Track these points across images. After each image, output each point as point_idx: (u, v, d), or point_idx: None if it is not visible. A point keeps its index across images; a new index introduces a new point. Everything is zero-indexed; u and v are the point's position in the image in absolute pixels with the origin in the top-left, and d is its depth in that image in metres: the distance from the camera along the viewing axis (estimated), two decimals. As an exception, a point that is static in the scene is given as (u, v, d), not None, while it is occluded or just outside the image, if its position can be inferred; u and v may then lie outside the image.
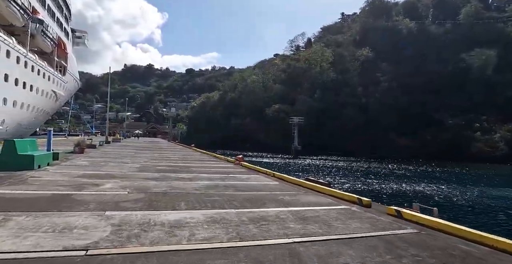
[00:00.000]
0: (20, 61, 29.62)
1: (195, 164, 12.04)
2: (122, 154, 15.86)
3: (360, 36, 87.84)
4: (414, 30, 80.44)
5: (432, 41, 74.20)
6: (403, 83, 68.61)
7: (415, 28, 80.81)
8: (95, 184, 6.31)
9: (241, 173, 9.87)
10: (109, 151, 17.27)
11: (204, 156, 17.30)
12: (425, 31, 78.48)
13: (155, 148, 23.89)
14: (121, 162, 11.53)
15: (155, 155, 15.99)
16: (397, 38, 78.09)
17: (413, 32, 80.00)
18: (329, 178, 23.41)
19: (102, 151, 17.30)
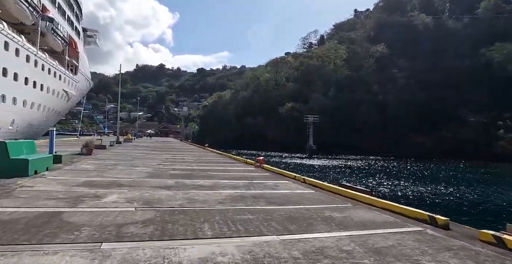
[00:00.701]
0: (30, 60, 28.97)
1: (212, 167, 10.82)
2: (133, 155, 14.78)
3: (375, 32, 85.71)
4: (431, 25, 77.90)
5: (449, 36, 71.70)
6: (420, 80, 66.49)
7: (431, 23, 78.21)
8: (96, 196, 5.13)
9: (266, 179, 8.60)
10: (119, 152, 16.23)
11: (220, 157, 16.09)
12: (442, 26, 75.90)
13: (168, 149, 22.82)
14: (131, 165, 10.39)
15: (168, 157, 14.86)
16: (413, 34, 75.69)
17: (429, 27, 77.50)
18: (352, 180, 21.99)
19: (112, 152, 16.27)
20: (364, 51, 77.48)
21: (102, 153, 15.17)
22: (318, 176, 22.96)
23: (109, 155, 13.97)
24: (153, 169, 9.37)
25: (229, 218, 4.16)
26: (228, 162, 13.22)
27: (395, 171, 30.87)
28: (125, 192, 5.59)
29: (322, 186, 7.47)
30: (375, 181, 22.54)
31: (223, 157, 16.53)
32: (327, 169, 30.80)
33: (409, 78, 68.18)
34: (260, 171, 10.34)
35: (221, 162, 13.29)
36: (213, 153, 19.56)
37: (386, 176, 25.41)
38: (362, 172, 28.20)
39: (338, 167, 32.24)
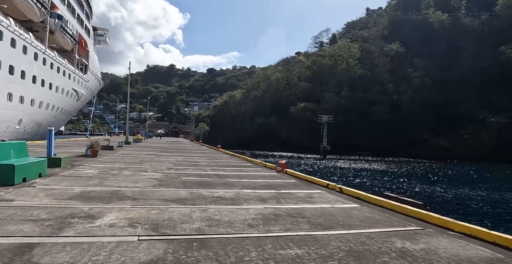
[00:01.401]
0: (38, 58, 28.25)
1: (229, 172, 9.59)
2: (141, 157, 13.65)
3: (389, 31, 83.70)
4: (447, 23, 75.47)
5: (466, 35, 69.39)
6: (437, 79, 64.57)
7: (447, 21, 75.73)
8: (89, 216, 3.92)
9: (295, 187, 7.33)
10: (127, 154, 15.13)
11: (235, 160, 14.84)
12: (458, 24, 73.54)
13: (179, 150, 21.68)
14: (138, 169, 9.22)
15: (179, 159, 13.69)
16: (428, 32, 73.44)
17: (445, 25, 75.06)
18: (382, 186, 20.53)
19: (119, 153, 15.19)
20: (378, 49, 75.57)
21: (109, 154, 14.09)
22: (342, 180, 21.57)
23: (115, 157, 12.86)
24: (162, 175, 8.17)
25: (270, 256, 2.90)
26: (246, 166, 11.96)
27: (424, 174, 29.11)
28: (127, 209, 4.38)
29: (365, 197, 6.17)
30: (408, 186, 20.79)
31: (238, 159, 15.29)
32: (346, 171, 29.26)
33: (424, 77, 66.15)
34: (284, 177, 9.07)
35: (238, 165, 12.04)
36: (227, 155, 18.33)
37: (419, 181, 23.52)
38: (387, 175, 26.50)
39: (359, 170, 30.60)
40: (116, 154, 14.42)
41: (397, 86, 67.11)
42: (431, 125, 60.90)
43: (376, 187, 19.23)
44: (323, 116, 50.66)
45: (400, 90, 66.17)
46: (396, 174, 27.96)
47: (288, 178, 8.81)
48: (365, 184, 20.12)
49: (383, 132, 60.94)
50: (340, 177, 23.54)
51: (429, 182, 23.58)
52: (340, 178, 22.84)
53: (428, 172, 30.59)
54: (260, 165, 12.48)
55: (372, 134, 61.18)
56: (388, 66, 71.39)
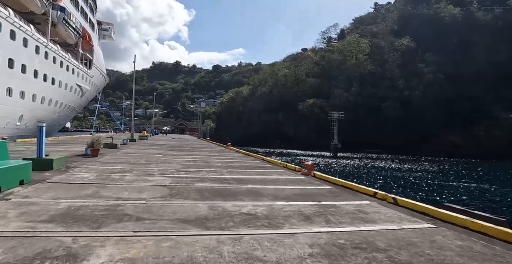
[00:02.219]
0: (40, 51, 27.03)
1: (249, 175, 8.24)
2: (147, 156, 12.36)
3: (399, 26, 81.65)
4: (459, 17, 73.25)
5: (479, 29, 67.19)
6: (449, 75, 62.59)
7: (459, 15, 73.54)
8: (68, 256, 2.60)
9: (335, 196, 5.96)
10: (131, 153, 13.85)
11: (251, 160, 13.47)
12: (470, 19, 71.28)
13: (187, 148, 20.37)
14: (143, 172, 7.91)
15: (189, 159, 12.36)
16: (440, 27, 71.31)
17: (457, 20, 72.87)
18: (420, 189, 19.02)
19: (123, 152, 13.92)
20: (388, 44, 73.62)
21: (111, 153, 12.82)
22: (370, 182, 20.04)
23: (118, 157, 11.57)
24: (172, 180, 6.85)
25: None
26: (265, 167, 10.60)
27: (454, 173, 27.35)
28: (127, 239, 3.03)
29: (434, 213, 4.78)
30: (449, 189, 18.77)
31: (253, 159, 13.91)
32: (366, 171, 27.63)
33: (437, 72, 64.20)
34: (314, 182, 7.69)
35: (255, 167, 10.68)
36: (240, 154, 16.97)
37: (456, 181, 21.63)
38: (413, 177, 24.73)
39: (379, 169, 28.84)
40: (120, 153, 13.14)
41: (408, 81, 65.31)
42: (443, 121, 59.16)
43: (413, 190, 17.54)
44: (334, 113, 49.03)
45: (411, 86, 64.35)
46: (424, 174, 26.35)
47: (320, 184, 7.43)
48: (396, 187, 18.51)
49: (393, 128, 59.33)
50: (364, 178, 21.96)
51: (472, 181, 21.97)
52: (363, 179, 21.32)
53: (461, 170, 28.94)
54: (280, 166, 11.11)
55: (382, 131, 59.60)
56: (398, 62, 69.56)
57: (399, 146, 57.07)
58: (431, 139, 59.28)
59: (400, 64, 69.06)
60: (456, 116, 58.54)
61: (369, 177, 22.83)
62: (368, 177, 23.11)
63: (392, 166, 32.21)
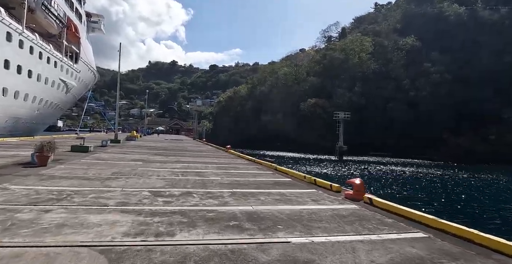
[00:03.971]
0: (12, 39, 23.61)
1: (271, 206, 4.97)
2: (120, 165, 9.09)
3: (402, 25, 79.22)
4: (464, 16, 70.93)
5: (485, 29, 64.83)
6: (457, 75, 59.92)
7: (465, 14, 71.25)
8: None
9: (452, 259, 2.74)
10: (103, 159, 10.55)
11: (259, 170, 10.21)
12: (477, 18, 68.94)
13: (178, 151, 17.05)
14: (92, 201, 4.65)
15: (177, 168, 9.10)
16: (444, 26, 68.91)
17: (463, 19, 70.50)
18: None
19: (91, 158, 10.61)
20: (392, 44, 70.98)
21: (74, 160, 9.55)
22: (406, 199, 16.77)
23: (76, 167, 8.28)
24: (133, 225, 3.61)
25: None
26: (286, 184, 7.35)
27: (483, 182, 24.10)
28: None
29: None
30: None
31: (264, 169, 10.67)
32: (385, 180, 24.28)
33: (444, 73, 61.49)
34: (383, 219, 4.48)
35: (270, 183, 7.43)
36: (243, 160, 13.70)
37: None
38: (449, 188, 21.29)
39: (397, 177, 25.46)
40: (85, 160, 9.85)
41: (413, 82, 62.56)
42: (451, 123, 56.41)
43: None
44: (339, 113, 45.87)
45: (417, 86, 61.60)
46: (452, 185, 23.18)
47: (395, 223, 4.23)
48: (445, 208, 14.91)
49: (399, 130, 56.60)
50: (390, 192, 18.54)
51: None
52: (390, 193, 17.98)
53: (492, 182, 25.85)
54: (305, 180, 7.87)
55: (387, 133, 56.87)
56: (403, 61, 66.95)
57: (404, 149, 54.37)
58: (438, 142, 56.48)
59: (405, 63, 66.50)
60: (465, 118, 55.85)
61: (422, 195, 18.37)
62: (420, 195, 18.49)
63: (427, 173, 28.99)
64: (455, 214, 12.69)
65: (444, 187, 20.76)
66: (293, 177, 8.44)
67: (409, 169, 32.37)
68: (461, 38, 65.46)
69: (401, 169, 31.24)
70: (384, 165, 35.58)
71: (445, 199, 16.65)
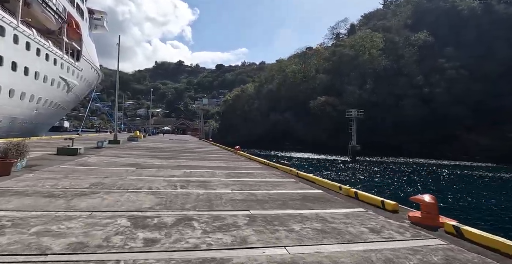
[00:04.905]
0: (6, 33, 22.11)
1: (317, 248, 3.18)
2: (108, 173, 7.35)
3: (413, 20, 77.05)
4: (478, 11, 68.52)
5: (501, 22, 62.36)
6: (473, 70, 57.62)
7: (479, 8, 68.83)
8: None
9: None
10: (90, 165, 8.82)
11: (280, 177, 8.36)
12: (491, 12, 66.56)
13: (181, 153, 15.30)
14: (34, 239, 2.92)
15: (177, 177, 7.32)
16: (457, 21, 66.63)
17: (476, 13, 68.11)
18: None
19: (76, 163, 8.89)
20: (403, 39, 68.80)
21: (52, 166, 7.85)
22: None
23: (48, 176, 6.52)
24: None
25: None
26: (319, 198, 5.53)
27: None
28: None
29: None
30: None
31: (282, 174, 8.84)
32: (418, 181, 22.23)
33: (459, 68, 59.15)
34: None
35: (303, 197, 5.60)
36: (256, 163, 11.89)
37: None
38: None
39: (434, 180, 23.34)
40: (65, 166, 8.10)
41: (427, 78, 60.31)
42: (468, 121, 54.08)
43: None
44: (352, 111, 43.83)
45: (431, 83, 59.32)
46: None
47: None
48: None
49: (413, 129, 54.45)
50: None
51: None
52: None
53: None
54: (341, 193, 6.03)
55: (400, 131, 54.72)
56: (415, 57, 64.73)
57: (418, 147, 52.32)
58: (454, 140, 54.20)
59: (417, 59, 64.29)
60: (482, 115, 53.46)
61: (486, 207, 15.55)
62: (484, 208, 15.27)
63: (463, 175, 26.91)
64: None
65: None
66: (323, 188, 6.60)
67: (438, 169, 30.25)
68: (475, 32, 63.30)
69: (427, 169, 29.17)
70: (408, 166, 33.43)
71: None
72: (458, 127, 53.81)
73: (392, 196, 15.26)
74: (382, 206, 4.94)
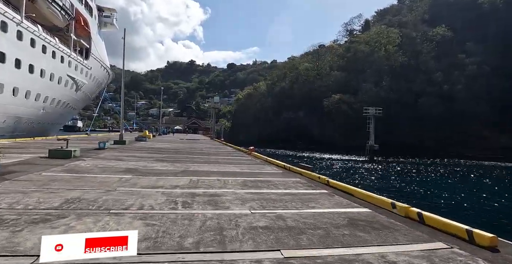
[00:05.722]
0: (8, 29, 21.14)
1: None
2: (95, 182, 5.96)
3: (430, 15, 74.32)
4: (500, 4, 65.32)
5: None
6: (496, 66, 54.82)
7: (500, 1, 65.64)
8: None
9: None
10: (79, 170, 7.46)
11: (302, 185, 6.85)
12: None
13: (190, 155, 13.92)
14: None
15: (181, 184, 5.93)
16: (477, 15, 63.63)
17: (497, 7, 64.90)
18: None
19: (63, 168, 7.56)
20: (421, 35, 66.27)
21: (33, 173, 6.53)
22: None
23: (17, 188, 5.16)
24: None
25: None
26: (371, 224, 3.98)
27: None
28: None
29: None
30: None
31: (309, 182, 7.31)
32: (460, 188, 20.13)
33: (481, 64, 56.43)
34: None
35: (351, 223, 4.07)
36: (274, 167, 10.37)
37: None
38: None
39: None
40: (47, 174, 6.74)
41: (447, 74, 57.75)
42: (492, 119, 51.45)
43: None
44: (370, 108, 41.88)
45: (451, 79, 56.75)
46: None
47: None
48: None
49: (432, 127, 52.18)
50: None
51: None
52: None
53: None
54: (396, 212, 4.48)
55: (419, 130, 52.52)
56: (433, 53, 62.14)
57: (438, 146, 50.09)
58: (476, 140, 51.66)
59: (435, 55, 61.71)
60: (507, 113, 50.80)
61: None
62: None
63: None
64: None
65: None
66: (367, 203, 5.07)
67: (471, 170, 28.18)
68: (496, 27, 60.25)
69: (462, 170, 27.19)
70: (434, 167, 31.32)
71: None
72: (481, 126, 51.35)
73: (443, 208, 13.50)
74: (469, 239, 3.40)
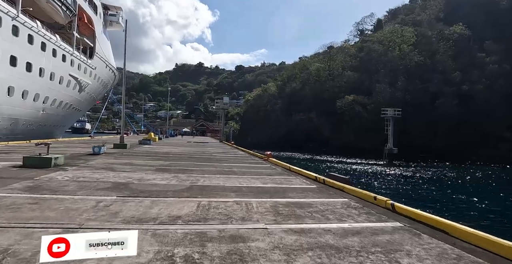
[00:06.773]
0: (2, 24, 19.53)
1: None
2: (56, 211, 4.08)
3: (445, 13, 71.78)
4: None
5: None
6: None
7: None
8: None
9: None
10: (48, 187, 5.57)
11: (359, 210, 4.86)
12: (532, 3, 60.62)
13: (198, 162, 11.90)
14: None
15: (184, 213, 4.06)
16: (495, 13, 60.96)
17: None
18: None
19: (27, 184, 5.68)
20: (437, 33, 63.75)
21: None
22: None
23: None
24: None
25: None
26: None
27: None
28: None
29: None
30: None
31: (366, 206, 5.27)
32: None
33: (502, 63, 53.85)
34: None
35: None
36: (303, 179, 8.33)
37: None
38: None
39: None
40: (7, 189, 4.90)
41: (465, 74, 55.21)
42: (511, 120, 48.97)
43: None
44: (388, 109, 39.56)
45: (471, 79, 54.20)
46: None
47: None
48: None
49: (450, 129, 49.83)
50: None
51: None
52: None
53: None
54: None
55: (437, 132, 50.17)
56: (450, 52, 59.56)
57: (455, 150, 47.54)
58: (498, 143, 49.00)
59: (453, 54, 59.14)
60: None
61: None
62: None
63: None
64: None
65: None
66: (472, 246, 3.05)
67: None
68: (511, 26, 57.65)
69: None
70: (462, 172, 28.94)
71: None
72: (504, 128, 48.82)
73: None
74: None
